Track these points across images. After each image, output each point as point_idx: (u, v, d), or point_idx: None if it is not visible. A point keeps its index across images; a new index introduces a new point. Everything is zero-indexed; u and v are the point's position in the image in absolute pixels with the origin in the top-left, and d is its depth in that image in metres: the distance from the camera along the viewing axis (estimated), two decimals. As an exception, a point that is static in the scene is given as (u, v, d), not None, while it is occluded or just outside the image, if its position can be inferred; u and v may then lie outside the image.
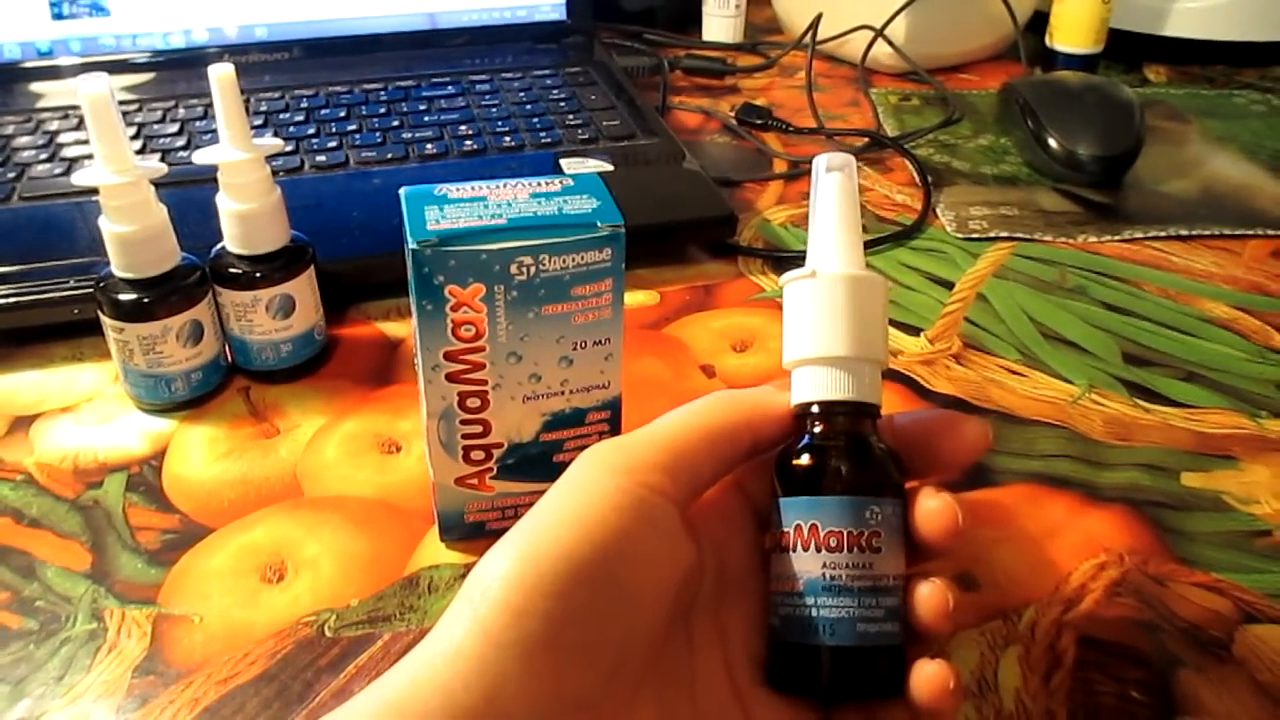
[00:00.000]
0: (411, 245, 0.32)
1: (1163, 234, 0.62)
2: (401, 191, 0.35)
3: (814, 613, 0.28)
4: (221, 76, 0.42)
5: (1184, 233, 0.62)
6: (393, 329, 0.52)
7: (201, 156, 0.44)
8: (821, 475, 0.29)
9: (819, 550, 0.28)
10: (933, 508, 0.29)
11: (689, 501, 0.29)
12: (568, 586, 0.25)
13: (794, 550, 0.29)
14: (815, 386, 0.30)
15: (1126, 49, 0.89)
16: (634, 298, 0.55)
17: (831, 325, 0.30)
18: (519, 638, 0.25)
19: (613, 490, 0.27)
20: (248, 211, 0.44)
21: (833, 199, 0.31)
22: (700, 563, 0.29)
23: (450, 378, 0.35)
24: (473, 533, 0.39)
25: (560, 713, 0.25)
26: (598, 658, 0.26)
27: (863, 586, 0.28)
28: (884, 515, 0.29)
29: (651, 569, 0.27)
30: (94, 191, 0.42)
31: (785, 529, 0.29)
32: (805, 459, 0.29)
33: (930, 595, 0.29)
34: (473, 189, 0.35)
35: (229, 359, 0.48)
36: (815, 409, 0.30)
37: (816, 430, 0.30)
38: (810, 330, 0.30)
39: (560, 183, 0.36)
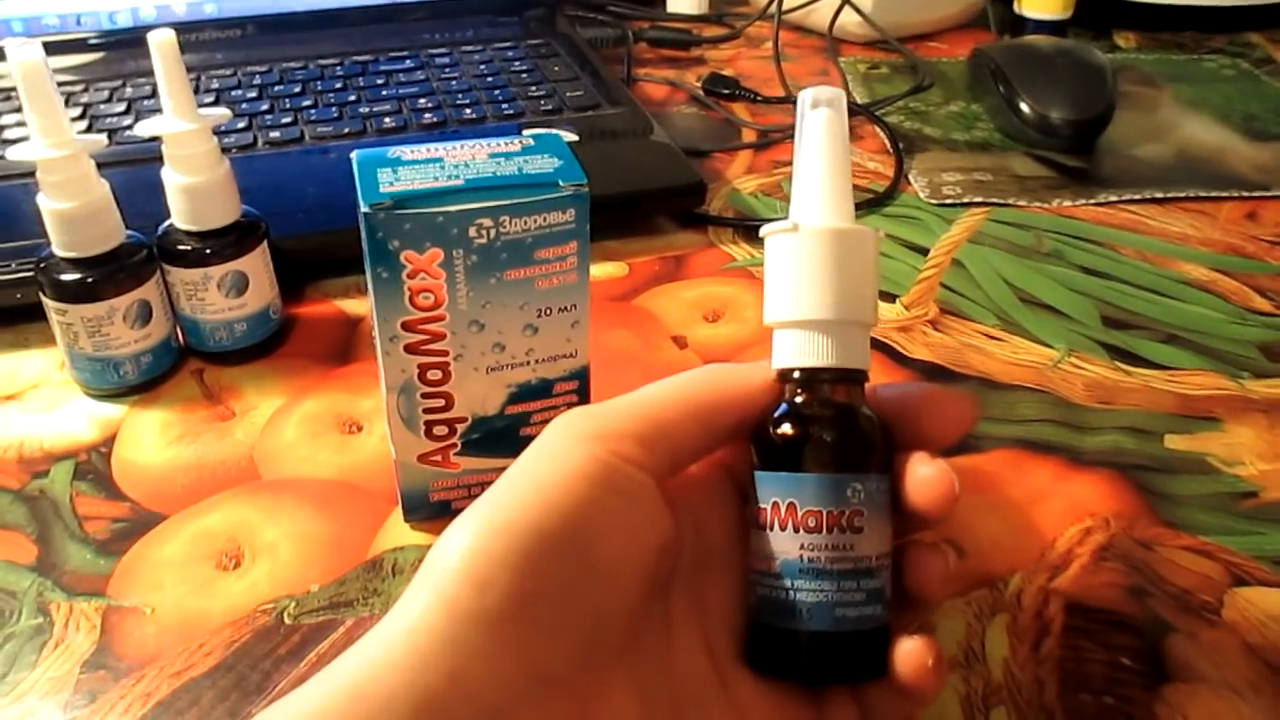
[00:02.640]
0: (364, 209, 0.30)
1: (1138, 197, 0.61)
2: (354, 155, 0.33)
3: (791, 595, 0.27)
4: (162, 43, 0.40)
5: (1160, 195, 0.61)
6: (352, 306, 0.50)
7: (145, 128, 0.42)
8: (802, 448, 0.27)
9: (796, 531, 0.27)
10: (926, 476, 0.27)
11: (667, 474, 0.27)
12: (534, 558, 0.24)
13: (771, 529, 0.27)
14: (797, 351, 0.28)
15: (1095, 15, 0.88)
16: (602, 269, 0.53)
17: (815, 284, 0.27)
18: (483, 612, 0.23)
19: (583, 458, 0.25)
20: (195, 185, 0.42)
21: (819, 140, 0.28)
22: (678, 537, 0.28)
23: (409, 349, 0.33)
24: (438, 512, 0.37)
25: (530, 690, 0.24)
26: (569, 633, 0.24)
27: (843, 569, 0.27)
28: (868, 492, 0.27)
29: (624, 541, 0.26)
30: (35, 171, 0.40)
31: (762, 505, 0.27)
32: (785, 429, 0.28)
33: (932, 561, 0.27)
34: (429, 150, 0.33)
35: (181, 341, 0.46)
36: (797, 375, 0.28)
37: (798, 399, 0.28)
38: (792, 289, 0.28)
39: (520, 143, 0.34)
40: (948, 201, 0.60)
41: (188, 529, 0.38)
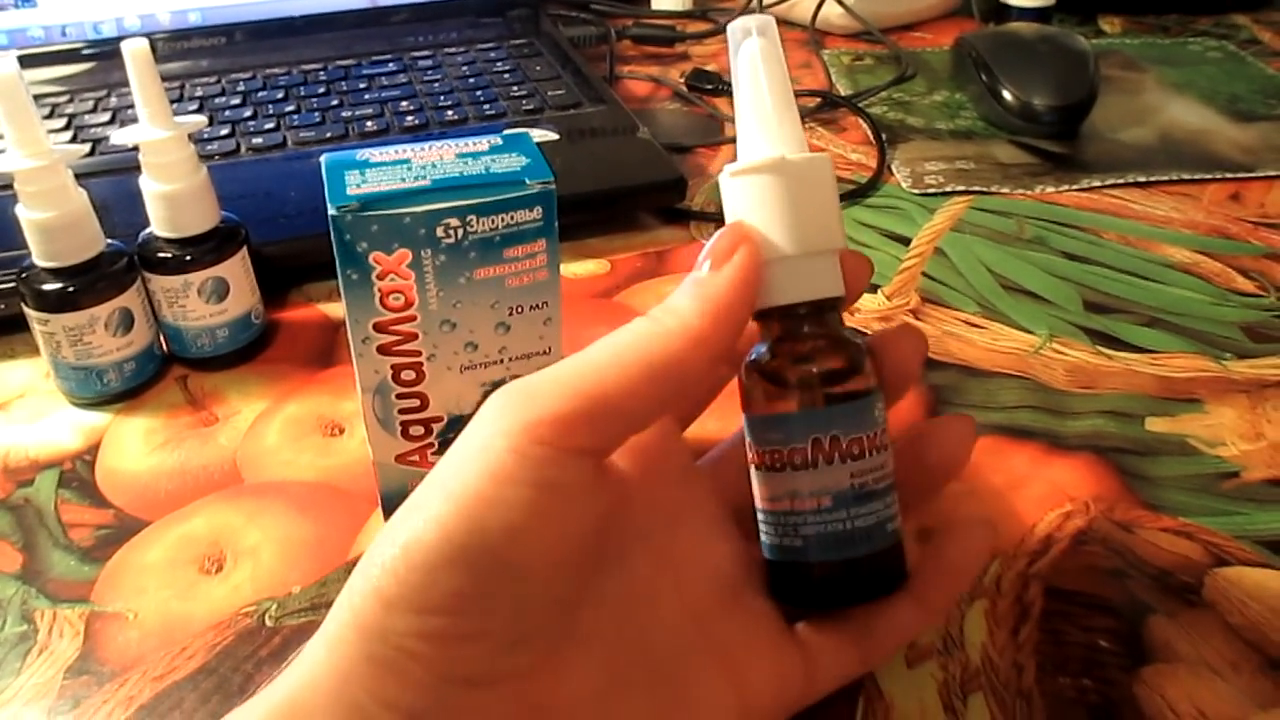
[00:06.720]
0: (331, 211, 0.31)
1: (1121, 181, 0.61)
2: (322, 159, 0.33)
3: (849, 525, 0.27)
4: (135, 52, 0.40)
5: (1143, 179, 0.61)
6: (335, 309, 0.51)
7: (120, 136, 0.42)
8: (786, 385, 0.27)
9: (845, 461, 0.27)
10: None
11: (616, 445, 0.26)
12: (439, 573, 0.23)
13: (814, 466, 0.27)
14: (769, 290, 0.27)
15: (1080, 0, 0.88)
16: (584, 267, 0.54)
17: (780, 221, 0.27)
18: (390, 629, 0.23)
19: (503, 456, 0.24)
20: (172, 192, 0.43)
21: (755, 70, 0.27)
22: (623, 508, 0.27)
23: (382, 350, 0.33)
24: (418, 512, 0.37)
25: (452, 692, 0.24)
26: (485, 635, 0.24)
27: (885, 486, 0.28)
28: (874, 415, 0.28)
29: (547, 535, 0.24)
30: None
31: (759, 446, 0.28)
32: (769, 367, 0.28)
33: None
34: (396, 152, 0.33)
35: (164, 348, 0.47)
36: (773, 314, 0.28)
37: (777, 336, 0.28)
38: (757, 229, 0.27)
39: (488, 142, 0.34)
40: (930, 191, 0.60)
41: (171, 534, 0.39)
